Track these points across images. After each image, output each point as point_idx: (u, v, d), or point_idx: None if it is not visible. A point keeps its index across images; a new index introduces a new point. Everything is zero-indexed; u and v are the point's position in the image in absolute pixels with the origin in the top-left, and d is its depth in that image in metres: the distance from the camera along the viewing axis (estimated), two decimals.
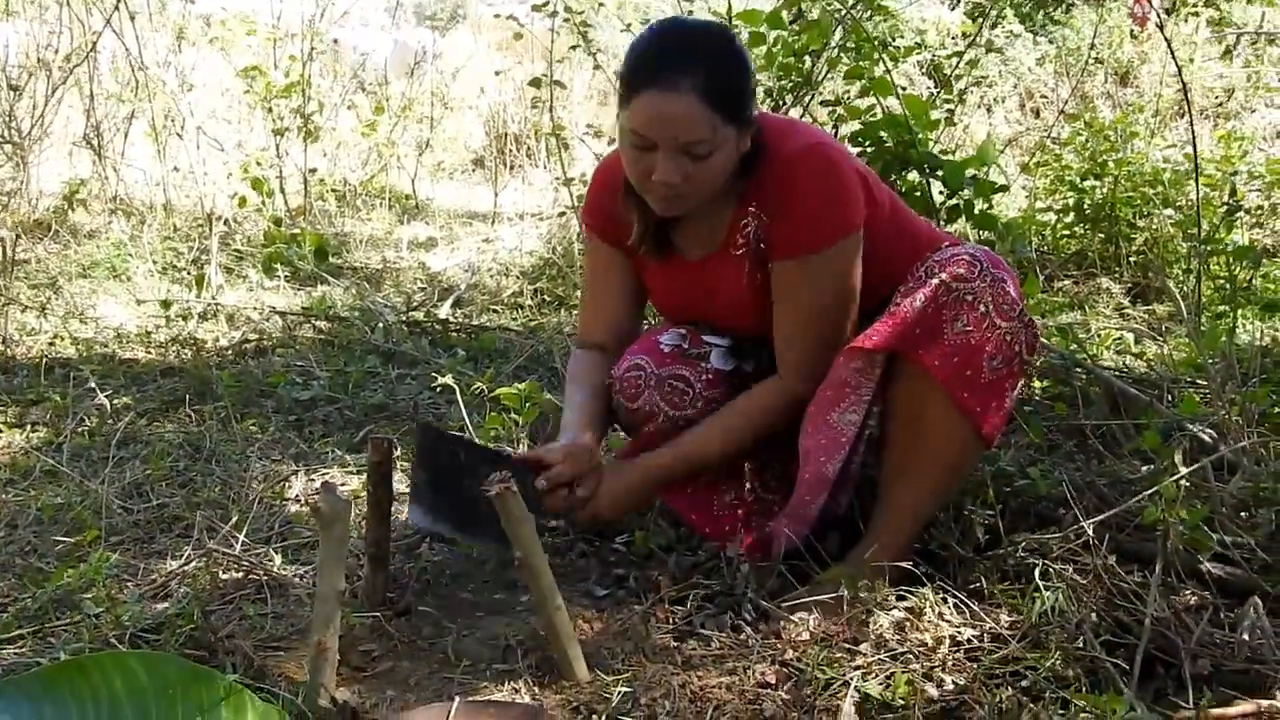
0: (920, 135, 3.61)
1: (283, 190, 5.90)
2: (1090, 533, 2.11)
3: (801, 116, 4.20)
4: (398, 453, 2.79)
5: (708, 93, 2.03)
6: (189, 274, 4.88)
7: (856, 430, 2.21)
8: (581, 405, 2.34)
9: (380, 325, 4.21)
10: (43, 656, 2.02)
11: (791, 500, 2.24)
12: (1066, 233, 5.11)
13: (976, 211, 3.65)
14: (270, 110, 6.06)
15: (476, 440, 2.67)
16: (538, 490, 2.17)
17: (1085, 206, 4.98)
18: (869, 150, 3.68)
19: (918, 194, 3.70)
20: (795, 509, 2.25)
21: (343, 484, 2.81)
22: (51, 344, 4.03)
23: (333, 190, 6.58)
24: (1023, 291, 2.20)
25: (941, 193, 3.72)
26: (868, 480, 2.32)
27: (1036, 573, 2.10)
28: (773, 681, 1.95)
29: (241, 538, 2.48)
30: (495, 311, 4.67)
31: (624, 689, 1.90)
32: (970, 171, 3.60)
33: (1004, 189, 3.96)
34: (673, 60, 2.05)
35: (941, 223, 3.65)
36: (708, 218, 2.27)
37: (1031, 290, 3.37)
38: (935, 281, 2.10)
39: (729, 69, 2.09)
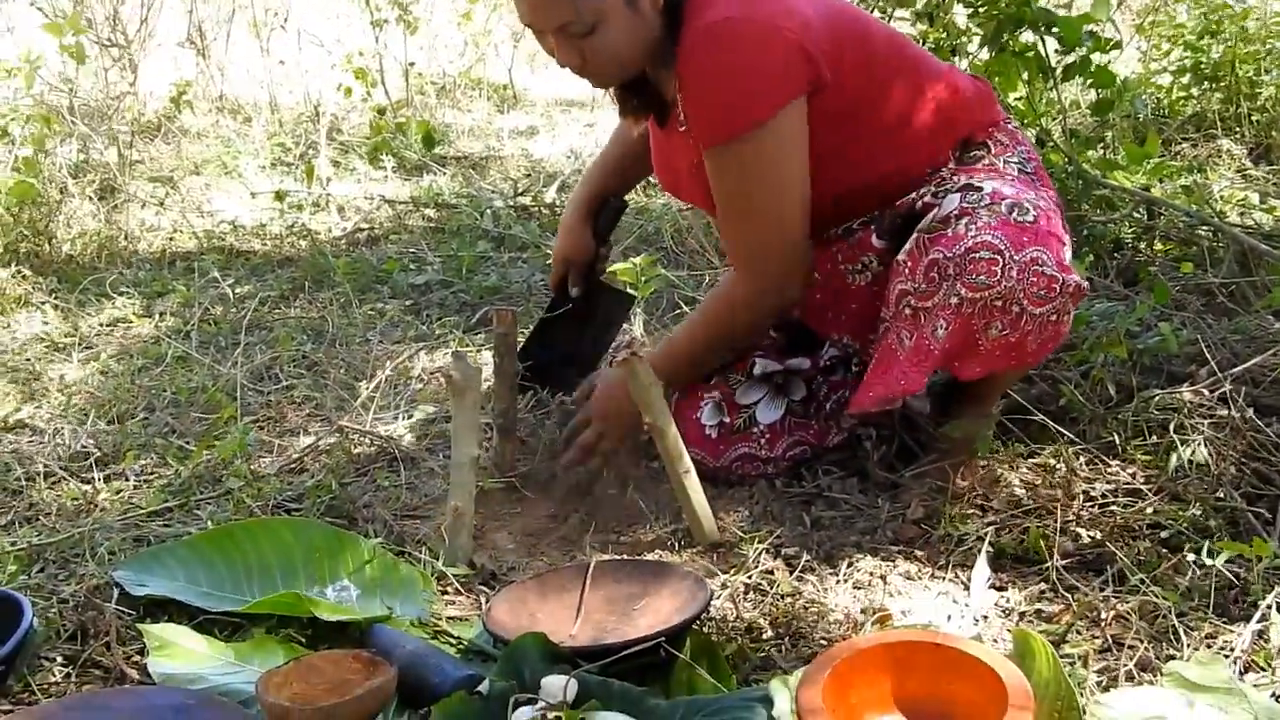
0: None
1: (383, 83, 5.91)
2: (1228, 386, 2.07)
3: None
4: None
5: None
6: (297, 168, 4.93)
7: None
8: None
9: (488, 211, 4.23)
10: (191, 528, 2.09)
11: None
12: (1183, 94, 4.94)
13: (1093, 68, 3.53)
14: (369, 2, 6.04)
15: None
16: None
17: (1202, 66, 4.80)
18: (981, 10, 3.57)
19: (1031, 54, 3.59)
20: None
21: None
22: (171, 238, 4.11)
23: (431, 82, 6.58)
24: (1064, 244, 1.98)
25: (1057, 51, 3.61)
26: None
27: (1172, 427, 2.07)
28: (906, 539, 1.95)
29: (371, 415, 2.53)
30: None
31: (759, 546, 1.91)
32: (1088, 27, 3.48)
33: (1118, 45, 3.83)
34: None
35: (1056, 83, 3.54)
36: (663, 83, 2.13)
37: (1152, 149, 3.28)
38: (955, 301, 1.89)
39: None
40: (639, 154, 2.41)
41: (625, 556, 1.95)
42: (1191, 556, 1.76)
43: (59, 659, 1.72)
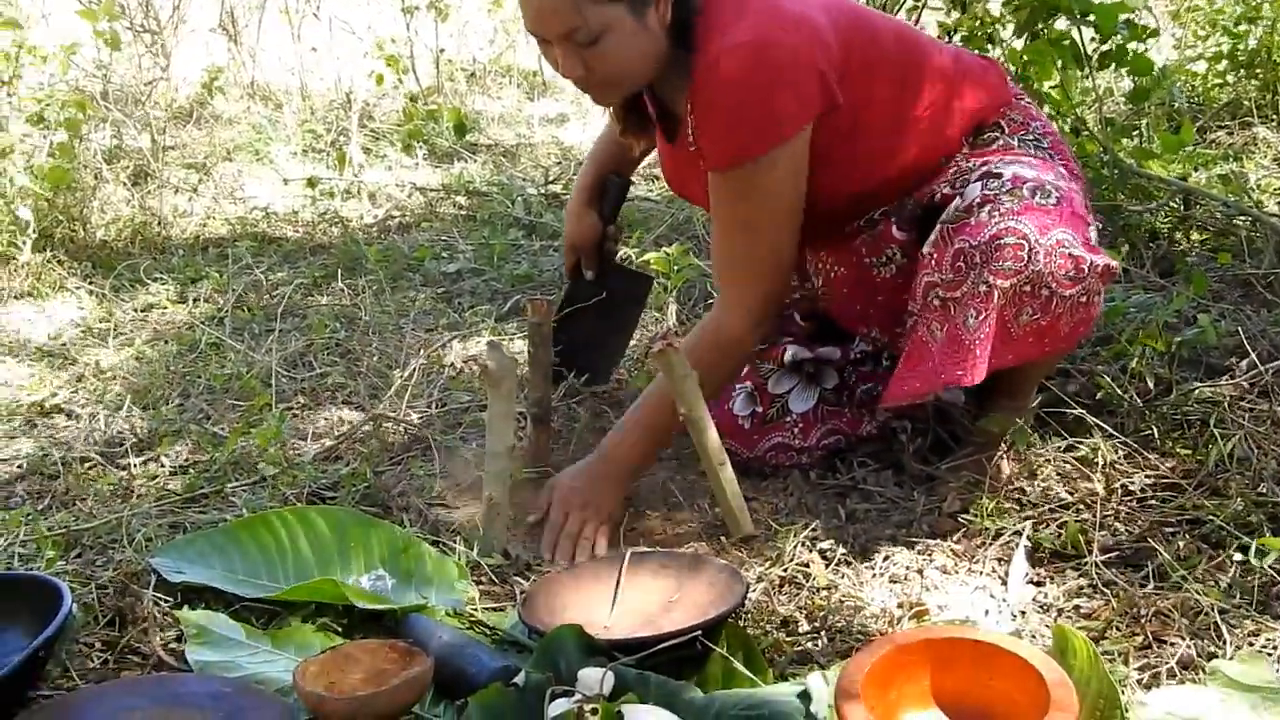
0: None
1: (414, 70, 5.91)
2: (1269, 378, 2.05)
3: None
4: None
5: None
6: (329, 154, 4.94)
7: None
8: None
9: (520, 199, 4.23)
10: (226, 515, 2.10)
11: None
12: (1218, 81, 4.89)
13: (1130, 56, 3.50)
14: None
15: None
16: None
17: (1239, 53, 4.75)
18: None
19: (1065, 43, 3.56)
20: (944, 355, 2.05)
21: None
22: (204, 224, 4.12)
23: (462, 69, 6.57)
24: (1089, 223, 1.98)
25: (1093, 39, 3.58)
26: None
27: (1212, 420, 2.05)
28: (942, 533, 1.94)
29: (405, 403, 2.54)
30: (634, 182, 4.64)
31: (795, 539, 1.91)
32: (1124, 15, 3.45)
33: (1155, 33, 3.79)
34: None
35: (1092, 73, 3.51)
36: (672, 99, 2.10)
37: (1187, 137, 3.24)
38: (983, 289, 1.86)
39: None
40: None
41: (660, 548, 1.95)
42: (1239, 556, 1.74)
43: (97, 644, 1.73)
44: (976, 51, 2.72)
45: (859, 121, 2.01)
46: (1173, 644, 1.58)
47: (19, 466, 2.41)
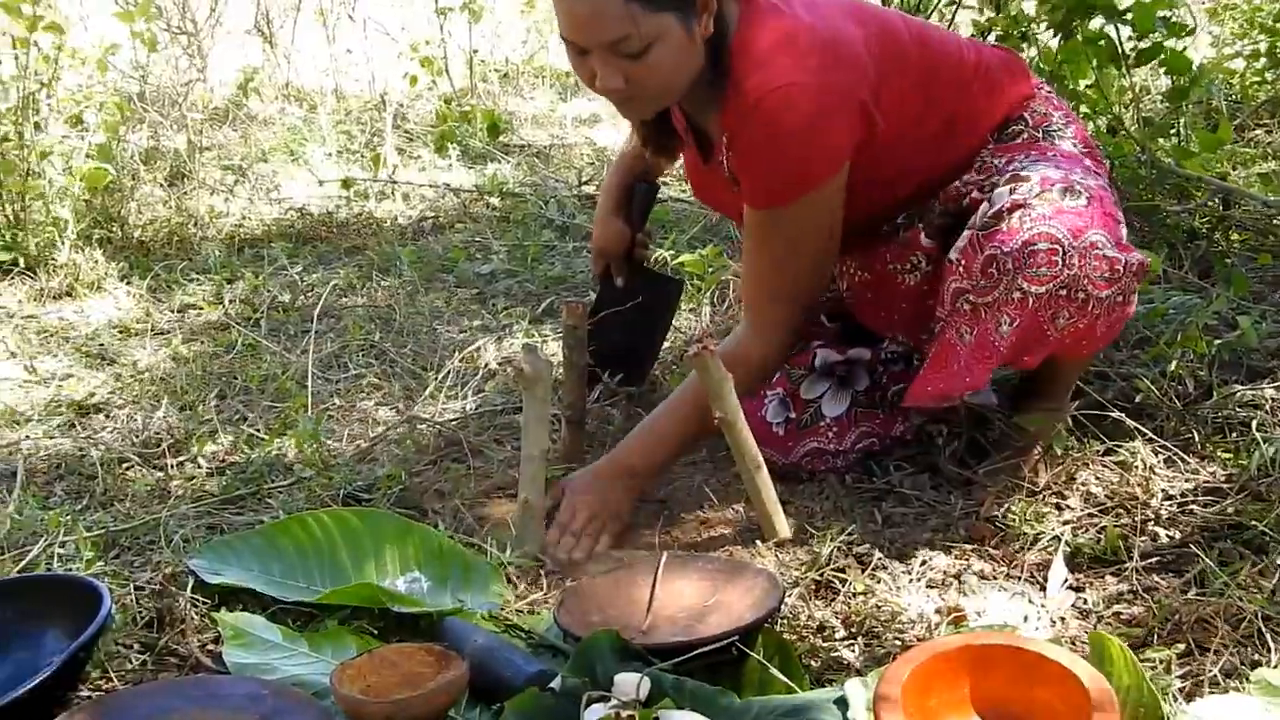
0: None
1: (447, 71, 5.93)
2: None
3: None
4: None
5: None
6: (363, 155, 4.95)
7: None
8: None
9: (553, 200, 4.23)
10: (263, 516, 2.10)
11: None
12: (1257, 79, 4.84)
13: (1168, 54, 3.47)
14: None
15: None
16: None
17: (1277, 50, 4.70)
18: None
19: (1101, 41, 3.53)
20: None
21: None
22: (240, 225, 4.14)
23: (495, 70, 6.59)
24: (1119, 221, 1.95)
25: (1129, 38, 3.55)
26: None
27: (1254, 424, 2.03)
28: (980, 538, 1.93)
29: (440, 404, 2.54)
30: (665, 183, 4.64)
31: (831, 543, 1.90)
32: (1161, 13, 3.42)
33: (1192, 32, 3.75)
34: None
35: (1129, 70, 3.48)
36: (701, 116, 2.08)
37: (1225, 136, 3.21)
38: (1018, 295, 1.84)
39: None
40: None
41: (695, 552, 1.95)
42: None
43: (136, 646, 1.74)
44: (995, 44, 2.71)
45: (886, 131, 1.99)
46: (1215, 652, 1.56)
47: (58, 466, 2.43)
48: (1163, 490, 1.96)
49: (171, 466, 2.38)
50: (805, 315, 2.12)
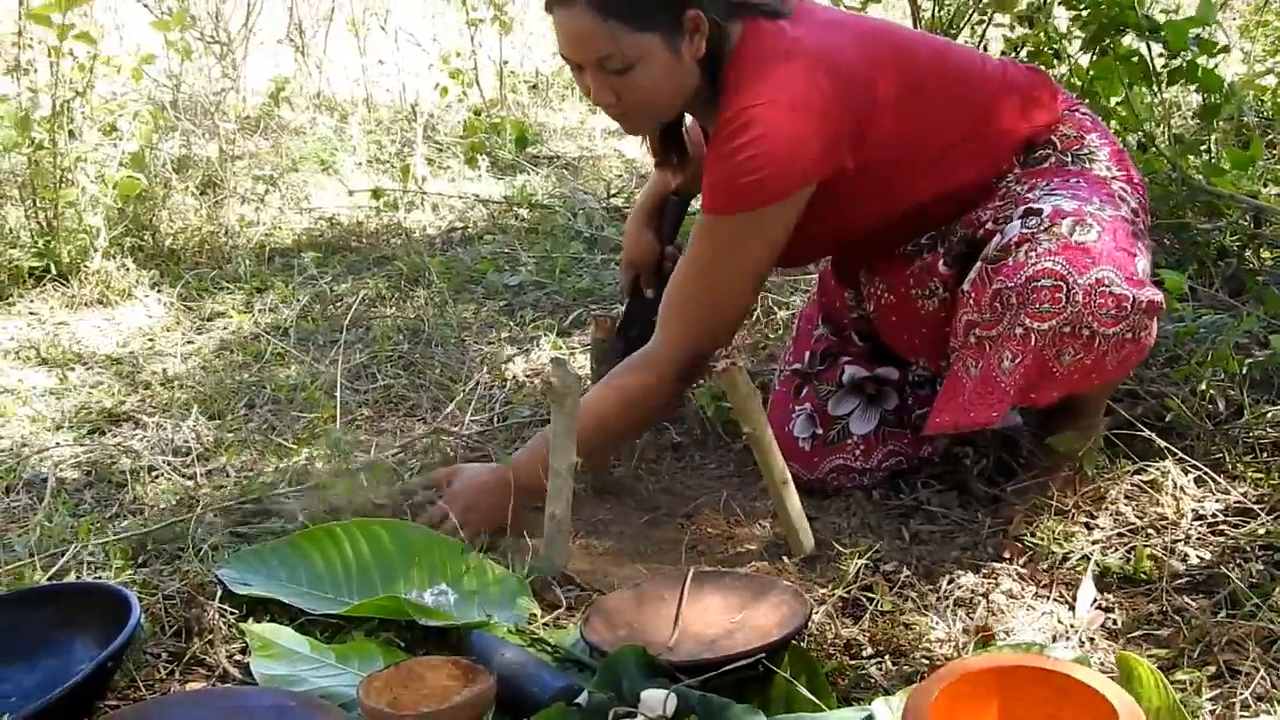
0: None
1: (478, 83, 5.96)
2: None
3: None
4: None
5: (598, 3, 1.88)
6: (393, 166, 4.98)
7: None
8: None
9: (582, 212, 4.24)
10: (290, 526, 2.11)
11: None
12: None
13: (1200, 72, 3.45)
14: (465, 2, 6.09)
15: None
16: None
17: None
18: (1084, 13, 3.51)
19: (1134, 59, 3.52)
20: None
21: None
22: (270, 234, 4.17)
23: (524, 81, 6.61)
24: (1134, 255, 1.88)
25: (1161, 55, 3.53)
26: None
27: None
28: (1008, 556, 1.92)
29: (467, 416, 2.55)
30: (693, 199, 4.65)
31: (858, 560, 1.89)
32: (1193, 31, 3.40)
33: (1225, 50, 3.73)
34: None
35: (1161, 89, 3.47)
36: (709, 131, 2.09)
37: (1256, 153, 3.19)
38: (1020, 332, 1.83)
39: None
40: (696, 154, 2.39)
41: (721, 567, 1.94)
42: None
43: (164, 655, 1.75)
44: (1028, 62, 2.69)
45: (900, 149, 2.00)
46: (1247, 674, 1.55)
47: (87, 473, 2.44)
48: (1193, 510, 1.95)
49: (200, 475, 2.39)
50: (706, 353, 2.02)
